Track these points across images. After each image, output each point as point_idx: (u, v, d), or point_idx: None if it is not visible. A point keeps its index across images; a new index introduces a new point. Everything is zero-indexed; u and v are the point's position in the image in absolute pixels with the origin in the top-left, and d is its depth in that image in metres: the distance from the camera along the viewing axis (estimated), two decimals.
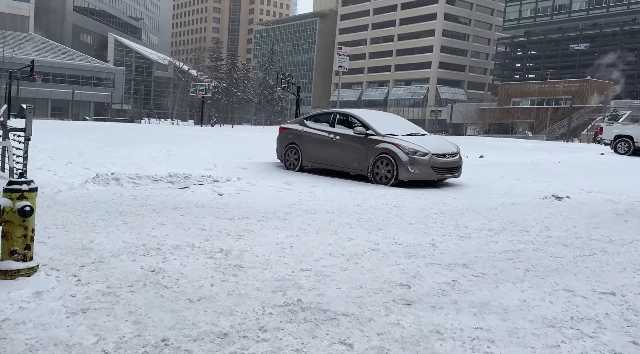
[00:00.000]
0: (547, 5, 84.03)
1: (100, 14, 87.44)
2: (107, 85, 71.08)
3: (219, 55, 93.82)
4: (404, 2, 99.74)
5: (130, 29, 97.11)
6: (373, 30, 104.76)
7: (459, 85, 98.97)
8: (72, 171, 10.29)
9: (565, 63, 78.37)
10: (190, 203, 7.45)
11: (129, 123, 43.04)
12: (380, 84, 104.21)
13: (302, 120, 11.87)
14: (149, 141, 17.23)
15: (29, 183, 4.23)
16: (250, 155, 14.35)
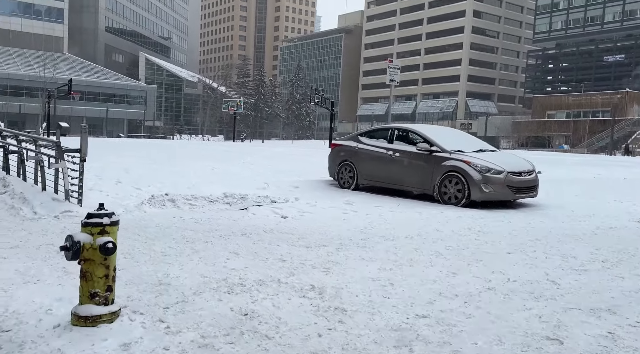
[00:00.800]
0: (578, 17, 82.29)
1: (131, 34, 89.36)
2: (139, 102, 72.23)
3: (247, 72, 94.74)
4: (430, 17, 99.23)
5: (160, 48, 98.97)
6: (399, 44, 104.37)
7: (488, 98, 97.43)
8: (123, 191, 9.93)
9: (600, 75, 76.29)
10: (257, 228, 6.94)
11: (162, 140, 43.32)
12: (408, 98, 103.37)
13: (356, 136, 11.33)
14: (191, 158, 16.99)
15: (110, 216, 3.75)
16: (297, 172, 13.86)
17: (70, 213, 7.65)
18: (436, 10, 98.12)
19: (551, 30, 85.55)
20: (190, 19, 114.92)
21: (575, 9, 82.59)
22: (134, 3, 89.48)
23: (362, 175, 10.70)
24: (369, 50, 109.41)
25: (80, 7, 78.56)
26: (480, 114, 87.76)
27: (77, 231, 3.59)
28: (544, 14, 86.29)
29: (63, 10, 74.60)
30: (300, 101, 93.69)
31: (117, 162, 14.20)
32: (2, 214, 7.80)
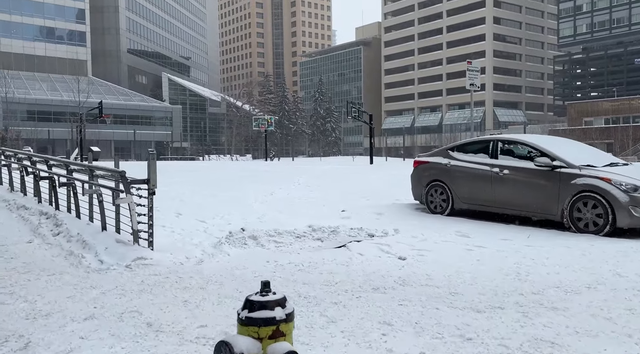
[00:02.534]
0: (604, 19, 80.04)
1: (153, 55, 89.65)
2: (165, 123, 71.89)
3: (269, 89, 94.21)
4: (449, 25, 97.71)
5: (181, 68, 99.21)
6: (419, 55, 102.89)
7: (516, 107, 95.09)
8: (188, 226, 8.61)
9: (632, 78, 73.74)
10: (382, 277, 5.48)
11: (192, 161, 42.44)
12: (433, 109, 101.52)
13: (445, 151, 9.80)
14: (239, 181, 15.77)
15: (282, 303, 2.33)
16: (362, 194, 12.43)
17: (143, 261, 6.29)
18: (455, 18, 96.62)
19: (576, 34, 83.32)
20: (208, 38, 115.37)
21: (599, 11, 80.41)
22: (154, 23, 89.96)
23: (460, 198, 9.17)
24: (389, 62, 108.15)
25: (102, 29, 78.99)
26: (509, 123, 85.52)
27: (230, 333, 2.54)
28: (567, 17, 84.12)
29: (85, 33, 75.06)
30: (324, 116, 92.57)
31: (167, 189, 12.90)
32: (62, 263, 6.49)
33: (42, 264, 6.45)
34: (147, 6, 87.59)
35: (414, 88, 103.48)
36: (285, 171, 21.17)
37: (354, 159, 58.98)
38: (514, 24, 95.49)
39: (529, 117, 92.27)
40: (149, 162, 6.77)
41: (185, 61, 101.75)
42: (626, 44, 76.96)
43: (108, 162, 32.94)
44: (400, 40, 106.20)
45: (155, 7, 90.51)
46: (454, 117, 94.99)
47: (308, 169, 23.09)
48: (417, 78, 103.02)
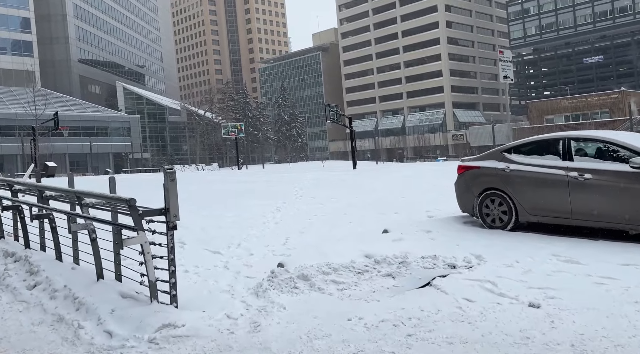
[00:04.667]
0: (551, 21, 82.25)
1: (106, 64, 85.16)
2: (123, 134, 67.93)
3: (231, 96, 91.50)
4: (404, 30, 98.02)
5: (136, 77, 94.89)
6: (377, 59, 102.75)
7: (474, 108, 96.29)
8: (201, 260, 6.73)
9: (583, 77, 75.87)
10: (547, 347, 3.72)
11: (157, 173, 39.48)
12: (395, 112, 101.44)
13: (499, 154, 8.12)
14: (236, 196, 13.81)
15: None
16: (388, 206, 10.75)
17: (173, 330, 4.31)
18: (409, 23, 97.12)
19: (526, 36, 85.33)
20: (163, 45, 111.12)
21: (546, 14, 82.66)
22: (105, 32, 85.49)
23: (526, 209, 7.57)
24: (348, 66, 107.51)
25: (50, 39, 74.23)
26: (469, 123, 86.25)
27: None
28: (517, 20, 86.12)
29: (32, 42, 70.26)
30: (289, 121, 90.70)
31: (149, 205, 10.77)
32: (49, 337, 4.43)
33: (18, 340, 4.38)
34: (97, 14, 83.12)
35: (374, 92, 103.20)
36: (273, 182, 19.31)
37: (323, 164, 57.45)
38: (466, 28, 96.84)
39: (487, 117, 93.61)
40: (166, 184, 4.81)
41: (140, 69, 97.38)
42: (573, 44, 79.20)
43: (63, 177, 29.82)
44: (357, 45, 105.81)
45: (106, 16, 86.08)
46: (416, 119, 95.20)
47: (295, 178, 21.20)
48: (377, 82, 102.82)
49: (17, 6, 68.37)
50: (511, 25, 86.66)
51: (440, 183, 15.64)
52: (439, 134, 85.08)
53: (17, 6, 68.32)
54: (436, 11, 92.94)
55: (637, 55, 72.83)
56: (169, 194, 4.82)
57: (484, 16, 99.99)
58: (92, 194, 5.67)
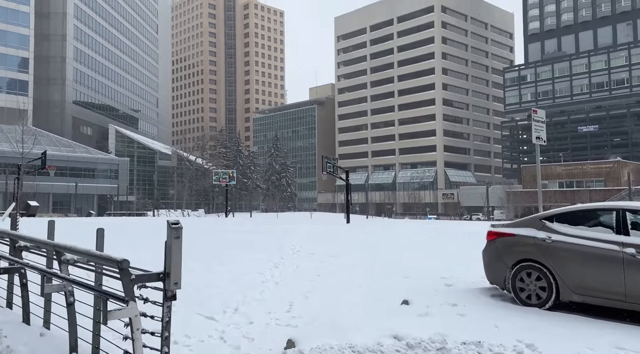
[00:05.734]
0: (547, 89, 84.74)
1: (100, 107, 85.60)
2: (110, 176, 67.14)
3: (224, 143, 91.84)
4: (401, 89, 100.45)
5: (130, 120, 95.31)
6: (372, 115, 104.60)
7: (465, 168, 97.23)
8: (192, 328, 6.03)
9: (576, 145, 77.26)
10: None
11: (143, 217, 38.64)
12: (386, 167, 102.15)
13: (538, 221, 7.40)
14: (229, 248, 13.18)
15: None
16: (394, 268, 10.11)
17: None
18: (405, 83, 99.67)
19: (522, 102, 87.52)
20: (160, 91, 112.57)
21: (542, 82, 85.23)
22: (102, 75, 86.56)
23: (571, 286, 6.83)
24: (343, 121, 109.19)
25: (47, 79, 74.90)
26: (460, 183, 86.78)
27: None
28: (513, 86, 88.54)
29: (28, 82, 70.77)
30: (280, 171, 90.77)
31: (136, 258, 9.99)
32: None
33: None
34: (97, 58, 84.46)
35: (367, 147, 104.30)
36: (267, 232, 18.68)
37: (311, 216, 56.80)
38: (461, 91, 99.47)
39: (478, 179, 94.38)
40: (169, 241, 4.09)
41: (134, 113, 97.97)
42: (569, 112, 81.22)
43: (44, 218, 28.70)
44: (353, 101, 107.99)
45: (105, 60, 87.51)
46: (407, 175, 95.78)
47: (288, 229, 20.54)
48: (371, 137, 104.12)
49: (17, 46, 69.32)
50: (507, 91, 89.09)
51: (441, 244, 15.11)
52: (430, 191, 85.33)
53: (17, 46, 69.27)
54: (433, 73, 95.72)
55: (632, 127, 74.63)
56: (171, 254, 4.07)
57: (480, 81, 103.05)
58: (75, 250, 4.96)
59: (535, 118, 16.53)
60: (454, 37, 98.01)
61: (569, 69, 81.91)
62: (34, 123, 69.35)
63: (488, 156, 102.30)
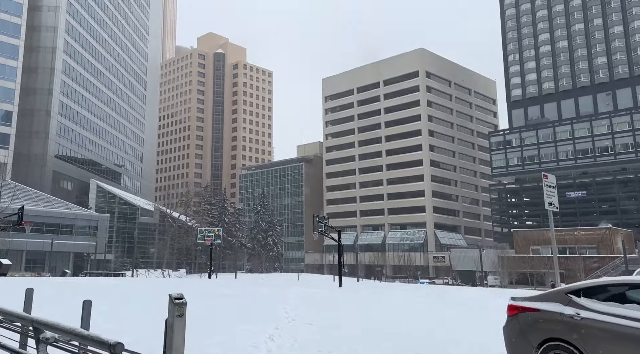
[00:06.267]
0: (533, 154, 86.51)
1: (82, 161, 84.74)
2: (89, 233, 65.29)
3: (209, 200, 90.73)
4: (388, 149, 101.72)
5: (112, 175, 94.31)
6: (361, 174, 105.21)
7: (455, 231, 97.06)
8: None
9: (565, 210, 78.03)
10: None
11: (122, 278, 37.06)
12: (375, 228, 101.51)
13: (564, 295, 6.86)
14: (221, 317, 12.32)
15: None
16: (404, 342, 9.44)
17: None
18: (393, 143, 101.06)
19: (508, 166, 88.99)
20: (145, 146, 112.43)
21: (528, 147, 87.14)
22: (87, 129, 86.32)
23: None
24: (331, 179, 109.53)
25: (30, 132, 74.40)
26: (450, 246, 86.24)
27: None
28: (499, 150, 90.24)
29: (10, 135, 70.23)
30: (266, 229, 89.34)
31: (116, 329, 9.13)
32: None
33: None
34: (82, 112, 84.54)
35: (356, 206, 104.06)
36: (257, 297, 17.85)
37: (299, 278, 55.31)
38: (448, 153, 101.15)
39: (468, 242, 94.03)
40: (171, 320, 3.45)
41: (117, 168, 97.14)
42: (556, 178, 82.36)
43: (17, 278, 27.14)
44: (341, 159, 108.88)
45: (91, 114, 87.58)
46: (397, 236, 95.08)
47: (278, 294, 19.59)
48: (359, 196, 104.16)
49: (2, 100, 69.30)
50: (493, 154, 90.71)
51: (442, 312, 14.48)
52: (420, 254, 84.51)
53: (1, 100, 69.20)
54: (420, 135, 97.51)
55: (620, 194, 75.84)
56: (172, 335, 3.43)
57: (466, 143, 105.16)
58: (57, 328, 4.24)
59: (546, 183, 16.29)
60: (438, 101, 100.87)
61: (553, 135, 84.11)
62: (13, 177, 68.03)
63: (477, 218, 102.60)
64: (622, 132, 77.57)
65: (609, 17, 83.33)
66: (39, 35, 76.95)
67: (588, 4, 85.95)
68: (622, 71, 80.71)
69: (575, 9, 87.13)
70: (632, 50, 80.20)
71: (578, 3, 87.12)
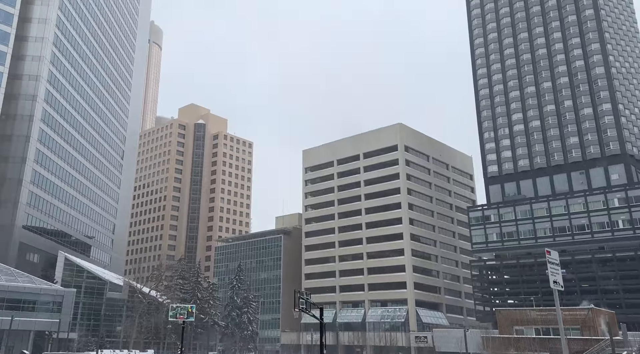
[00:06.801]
0: (511, 230, 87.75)
1: (52, 232, 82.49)
2: (52, 310, 62.30)
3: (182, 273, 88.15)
4: (368, 222, 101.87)
5: (82, 247, 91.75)
6: (340, 248, 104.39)
7: (437, 309, 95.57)
8: None
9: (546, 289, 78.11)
10: None
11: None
12: (355, 304, 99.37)
13: None
14: None
15: None
16: None
17: None
18: (373, 216, 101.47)
19: (488, 242, 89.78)
20: (119, 217, 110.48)
21: (506, 223, 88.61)
22: (59, 199, 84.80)
23: None
24: (310, 252, 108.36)
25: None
26: (432, 325, 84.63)
27: None
28: (478, 226, 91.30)
29: None
30: (241, 306, 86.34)
31: None
32: None
33: None
34: (55, 182, 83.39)
35: (335, 280, 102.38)
36: None
37: None
38: (428, 227, 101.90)
39: (450, 320, 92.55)
40: None
41: (88, 240, 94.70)
42: (535, 255, 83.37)
43: None
44: (321, 232, 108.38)
45: (64, 183, 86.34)
46: (377, 314, 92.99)
47: None
48: (339, 270, 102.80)
49: None
50: (473, 230, 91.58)
51: None
52: (402, 333, 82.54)
53: None
54: (400, 208, 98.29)
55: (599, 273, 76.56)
56: None
57: (445, 218, 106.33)
58: None
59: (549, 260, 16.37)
60: (417, 174, 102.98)
61: (530, 212, 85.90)
62: None
63: (459, 295, 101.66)
64: (598, 210, 79.71)
65: (578, 100, 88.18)
66: (17, 103, 77.27)
67: (558, 87, 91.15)
68: (594, 151, 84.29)
69: (545, 91, 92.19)
70: (602, 131, 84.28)
71: (548, 85, 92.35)
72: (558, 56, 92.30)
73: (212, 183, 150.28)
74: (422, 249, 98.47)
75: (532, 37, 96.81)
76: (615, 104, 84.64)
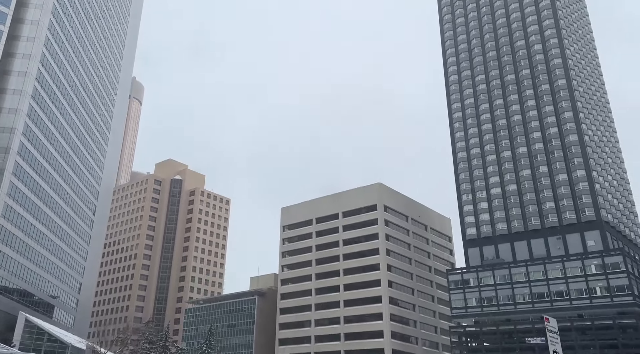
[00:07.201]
0: (490, 295, 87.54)
1: (13, 291, 78.99)
2: None
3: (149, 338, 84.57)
4: (346, 284, 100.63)
5: (45, 308, 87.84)
6: (317, 311, 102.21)
7: None
8: None
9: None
10: None
11: None
12: None
13: None
14: None
15: None
16: None
17: None
18: (351, 277, 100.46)
19: (467, 307, 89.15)
20: (86, 276, 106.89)
21: (485, 288, 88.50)
22: (23, 255, 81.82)
23: None
24: (285, 315, 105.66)
25: None
26: None
27: None
28: (457, 290, 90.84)
29: None
30: None
31: None
32: None
33: None
34: (22, 237, 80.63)
35: (310, 347, 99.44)
36: None
37: None
38: (407, 290, 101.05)
39: None
40: None
41: (51, 300, 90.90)
42: (514, 321, 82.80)
43: None
44: (297, 293, 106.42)
45: (31, 239, 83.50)
46: None
47: None
48: (314, 336, 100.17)
49: None
50: (452, 294, 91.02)
51: None
52: None
53: None
54: (378, 269, 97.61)
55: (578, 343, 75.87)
56: None
57: (425, 281, 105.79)
58: None
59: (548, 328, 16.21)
60: (397, 235, 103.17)
61: (509, 277, 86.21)
62: None
63: None
64: (575, 277, 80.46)
65: (553, 166, 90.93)
66: None
67: (533, 152, 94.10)
68: (569, 217, 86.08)
69: (521, 156, 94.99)
70: (577, 197, 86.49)
71: (524, 150, 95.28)
72: (532, 123, 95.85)
73: (186, 241, 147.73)
74: (401, 314, 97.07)
75: (507, 104, 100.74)
76: (590, 171, 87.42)
